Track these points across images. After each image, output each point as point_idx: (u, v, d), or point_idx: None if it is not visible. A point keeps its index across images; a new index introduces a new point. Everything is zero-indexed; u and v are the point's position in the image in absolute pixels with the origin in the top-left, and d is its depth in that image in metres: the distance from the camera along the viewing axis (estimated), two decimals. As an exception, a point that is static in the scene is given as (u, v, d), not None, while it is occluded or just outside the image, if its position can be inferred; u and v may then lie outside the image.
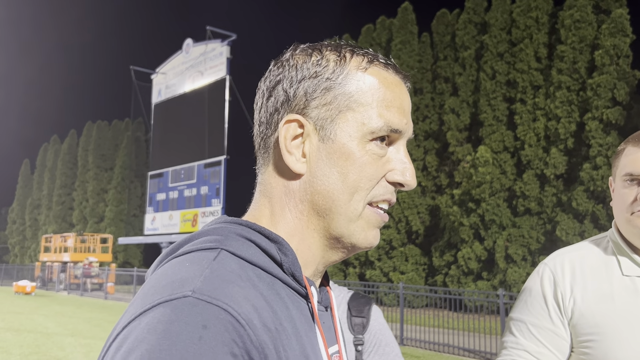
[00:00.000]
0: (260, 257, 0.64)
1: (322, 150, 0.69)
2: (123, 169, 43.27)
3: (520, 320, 1.41)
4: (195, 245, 0.64)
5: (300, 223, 0.70)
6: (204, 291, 0.55)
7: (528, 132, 20.46)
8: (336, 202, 0.68)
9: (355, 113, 0.69)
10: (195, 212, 28.15)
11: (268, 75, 0.74)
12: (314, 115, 0.69)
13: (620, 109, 18.34)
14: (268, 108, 0.72)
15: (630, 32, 18.68)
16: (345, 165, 0.68)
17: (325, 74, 0.70)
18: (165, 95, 32.57)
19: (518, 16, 21.38)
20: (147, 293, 0.58)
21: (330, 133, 0.69)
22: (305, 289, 0.67)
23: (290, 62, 0.72)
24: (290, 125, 0.69)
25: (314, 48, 0.72)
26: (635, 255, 1.35)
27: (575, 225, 18.42)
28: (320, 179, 0.69)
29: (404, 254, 22.68)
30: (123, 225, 42.46)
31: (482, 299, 12.02)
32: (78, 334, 12.50)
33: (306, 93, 0.69)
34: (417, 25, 25.12)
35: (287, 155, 0.69)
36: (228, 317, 0.54)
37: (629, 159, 1.34)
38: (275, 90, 0.71)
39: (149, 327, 0.53)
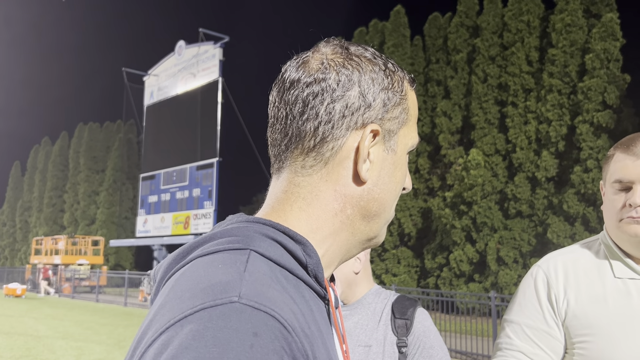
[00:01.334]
0: (287, 259, 0.63)
1: (385, 160, 0.71)
2: (115, 171, 43.09)
3: (514, 321, 1.43)
4: (221, 245, 0.62)
5: (342, 226, 0.70)
6: (250, 296, 0.53)
7: (519, 135, 20.57)
8: (386, 208, 0.73)
9: (408, 128, 0.74)
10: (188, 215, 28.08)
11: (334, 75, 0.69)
12: (385, 127, 0.71)
13: (611, 112, 18.48)
14: (336, 109, 0.68)
15: (620, 36, 18.83)
16: (399, 175, 0.74)
17: (396, 86, 0.72)
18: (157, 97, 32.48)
19: (510, 20, 21.51)
20: (183, 297, 0.55)
21: (394, 145, 0.72)
22: (325, 290, 0.67)
23: (362, 66, 0.70)
24: (370, 135, 0.69)
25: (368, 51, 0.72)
26: (627, 258, 1.37)
27: (566, 227, 18.52)
28: (380, 187, 0.71)
29: (396, 257, 22.72)
30: (114, 227, 42.26)
31: (473, 301, 12.07)
32: (69, 337, 12.43)
33: (385, 104, 0.70)
34: (409, 29, 25.22)
35: (363, 163, 0.69)
36: (276, 324, 0.52)
37: (618, 166, 1.36)
38: (349, 94, 0.68)
39: (194, 334, 0.50)
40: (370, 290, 1.72)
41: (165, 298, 0.57)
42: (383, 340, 1.60)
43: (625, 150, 1.36)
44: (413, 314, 1.62)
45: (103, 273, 27.97)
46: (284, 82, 0.72)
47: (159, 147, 31.33)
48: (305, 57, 0.73)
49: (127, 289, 23.37)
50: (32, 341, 11.60)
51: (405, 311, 1.62)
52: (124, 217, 43.28)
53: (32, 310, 19.20)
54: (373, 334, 1.61)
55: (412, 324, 1.61)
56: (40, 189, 48.94)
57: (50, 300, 25.07)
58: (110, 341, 12.01)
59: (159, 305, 0.57)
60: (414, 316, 1.62)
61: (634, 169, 1.32)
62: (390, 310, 1.64)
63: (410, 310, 1.63)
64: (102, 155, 45.38)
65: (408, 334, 1.60)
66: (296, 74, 0.71)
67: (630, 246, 1.35)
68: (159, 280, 0.66)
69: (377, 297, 1.70)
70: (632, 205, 1.32)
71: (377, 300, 1.69)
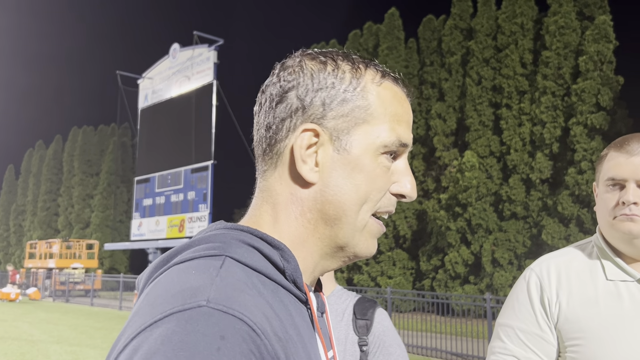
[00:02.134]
0: (263, 264, 0.64)
1: (337, 161, 0.69)
2: (109, 174, 42.96)
3: (508, 325, 1.43)
4: (198, 252, 0.63)
5: (306, 231, 0.70)
6: (219, 300, 0.54)
7: (514, 137, 20.63)
8: (346, 212, 0.69)
9: (370, 126, 0.70)
10: (182, 218, 28.02)
11: (277, 80, 0.72)
12: (330, 126, 0.69)
13: (604, 114, 18.56)
14: (278, 113, 0.71)
15: (613, 38, 18.93)
16: (358, 177, 0.69)
17: (342, 85, 0.70)
18: (151, 100, 32.43)
19: (503, 22, 21.59)
20: (155, 303, 0.56)
21: (346, 144, 0.69)
22: (305, 295, 0.67)
23: (304, 69, 0.71)
24: (306, 134, 0.69)
25: (326, 56, 0.72)
26: (618, 259, 1.37)
27: (560, 229, 18.58)
28: (332, 189, 0.69)
29: (391, 259, 22.73)
30: (109, 231, 42.13)
31: (469, 303, 12.09)
32: (64, 341, 12.37)
33: (323, 103, 0.69)
34: (403, 31, 25.28)
35: (302, 163, 0.69)
36: (245, 327, 0.53)
37: (611, 164, 1.37)
38: (288, 96, 0.70)
39: (162, 339, 0.51)
40: (333, 291, 1.78)
41: (140, 304, 0.58)
42: (345, 340, 1.67)
43: (619, 149, 1.37)
44: (373, 315, 1.71)
45: (98, 277, 27.85)
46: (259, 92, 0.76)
47: (154, 150, 31.26)
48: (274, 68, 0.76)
49: (122, 292, 23.28)
50: (26, 346, 11.54)
51: (365, 312, 1.70)
52: (119, 220, 43.15)
53: (26, 314, 19.11)
54: (335, 333, 1.68)
55: (372, 324, 1.69)
56: (35, 192, 48.75)
57: (44, 304, 24.95)
58: (105, 345, 11.96)
59: (134, 311, 0.58)
60: (373, 317, 1.71)
61: (627, 167, 1.33)
62: (352, 311, 1.72)
63: (370, 311, 1.71)
64: (96, 159, 45.25)
65: (368, 334, 1.68)
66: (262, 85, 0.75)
67: (623, 244, 1.35)
68: (141, 288, 0.67)
69: (339, 298, 1.77)
70: (625, 203, 1.32)
71: (339, 301, 1.76)
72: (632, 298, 1.32)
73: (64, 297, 27.65)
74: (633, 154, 1.34)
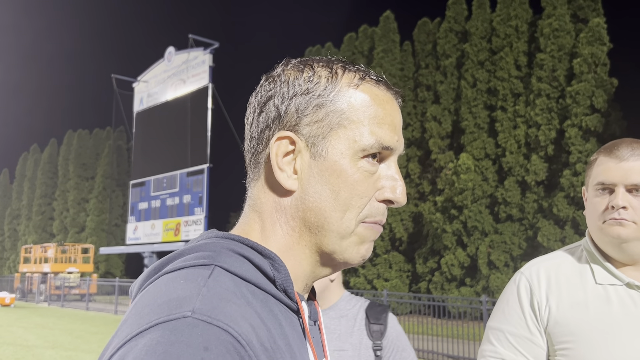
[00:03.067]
0: (253, 274, 0.63)
1: (314, 167, 0.68)
2: (104, 178, 42.86)
3: (498, 329, 1.43)
4: (187, 262, 0.63)
5: (292, 239, 0.70)
6: (204, 311, 0.54)
7: (509, 139, 20.69)
8: (328, 219, 0.68)
9: (347, 130, 0.68)
10: (178, 221, 27.97)
11: (259, 91, 0.73)
12: (305, 132, 0.69)
13: (599, 116, 18.64)
14: (259, 124, 0.71)
15: (607, 40, 19.02)
16: (336, 182, 0.68)
17: (317, 90, 0.69)
18: (147, 103, 32.39)
19: (498, 25, 21.66)
20: (142, 312, 0.56)
21: (322, 150, 0.68)
22: (296, 304, 0.66)
23: (282, 77, 0.71)
24: (282, 142, 0.69)
25: (306, 64, 0.72)
26: (607, 263, 1.38)
27: (556, 231, 18.62)
28: (311, 195, 0.68)
29: (387, 261, 22.73)
30: (104, 235, 42.02)
31: (465, 305, 12.10)
32: (59, 346, 12.32)
33: (298, 110, 0.69)
34: (398, 34, 25.34)
35: (279, 171, 0.68)
36: (229, 338, 0.53)
37: (601, 169, 1.38)
38: (267, 106, 0.71)
39: (147, 349, 0.51)
40: (342, 297, 1.80)
41: (128, 314, 0.59)
42: (359, 345, 1.69)
43: (608, 154, 1.38)
44: (386, 319, 1.73)
45: (93, 281, 27.77)
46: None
47: (149, 153, 31.21)
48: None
49: (118, 296, 23.21)
50: (22, 351, 11.48)
51: (379, 316, 1.73)
52: (114, 224, 43.04)
53: (21, 319, 19.02)
54: (348, 338, 1.70)
55: (387, 328, 1.72)
56: (29, 196, 48.59)
57: (39, 309, 24.85)
58: (100, 350, 11.91)
59: (123, 320, 0.59)
60: (387, 321, 1.73)
61: (616, 172, 1.34)
62: (365, 316, 1.74)
63: (383, 316, 1.74)
64: (91, 162, 45.14)
65: (382, 338, 1.69)
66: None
67: (612, 248, 1.36)
68: (134, 296, 0.67)
69: (349, 303, 1.79)
70: (614, 207, 1.33)
71: (348, 306, 1.78)
72: (621, 302, 1.33)
73: (59, 302, 27.54)
74: (622, 159, 1.35)
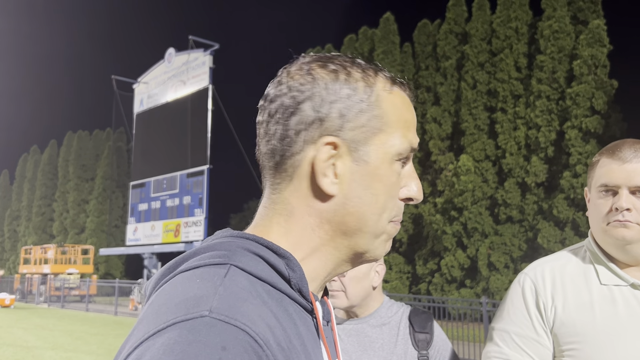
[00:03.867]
0: (269, 273, 0.63)
1: (356, 172, 0.68)
2: (104, 179, 42.85)
3: (503, 330, 1.43)
4: (203, 260, 0.62)
5: (322, 242, 0.69)
6: (221, 310, 0.54)
7: (509, 140, 20.69)
8: (367, 222, 0.69)
9: (386, 135, 0.69)
10: (178, 222, 27.96)
11: (287, 90, 0.70)
12: (348, 137, 0.68)
13: (599, 117, 18.65)
14: (293, 125, 0.68)
15: (607, 42, 19.03)
16: (378, 187, 0.69)
17: (357, 95, 0.69)
18: (147, 104, 32.39)
19: (498, 27, 21.67)
20: (159, 311, 0.56)
21: (364, 155, 0.68)
22: (311, 304, 0.66)
23: (316, 78, 0.69)
24: (326, 147, 0.68)
25: (335, 64, 0.71)
26: (612, 264, 1.38)
27: (556, 232, 18.62)
28: (353, 200, 0.68)
29: (387, 263, 22.72)
30: (104, 236, 42.00)
31: (465, 306, 12.10)
32: (59, 347, 12.31)
33: (341, 114, 0.68)
34: (398, 36, 25.35)
35: (322, 177, 0.67)
36: (247, 338, 0.53)
37: (604, 170, 1.38)
38: (302, 107, 0.68)
39: (164, 349, 0.51)
40: (382, 304, 1.71)
41: (145, 313, 0.59)
42: (404, 355, 1.60)
43: (611, 155, 1.38)
44: (432, 328, 1.65)
45: (93, 282, 27.75)
46: (264, 100, 0.73)
47: (149, 154, 31.21)
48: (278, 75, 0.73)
49: (118, 298, 23.20)
50: (22, 352, 11.48)
51: (425, 325, 1.64)
52: (114, 225, 43.02)
53: (21, 320, 19.01)
54: (394, 349, 1.61)
55: (433, 337, 1.63)
56: (29, 197, 48.58)
57: (39, 310, 24.84)
58: (100, 351, 11.91)
59: (139, 319, 0.59)
60: (433, 329, 1.65)
61: (620, 173, 1.34)
62: (409, 324, 1.65)
63: (429, 324, 1.65)
64: (91, 164, 45.14)
65: (429, 348, 1.62)
66: (266, 93, 0.73)
67: (616, 250, 1.36)
68: (148, 295, 0.67)
69: (389, 310, 1.70)
70: (618, 209, 1.33)
71: (389, 313, 1.69)
72: (626, 302, 1.33)
73: (59, 303, 27.53)
74: (625, 160, 1.34)
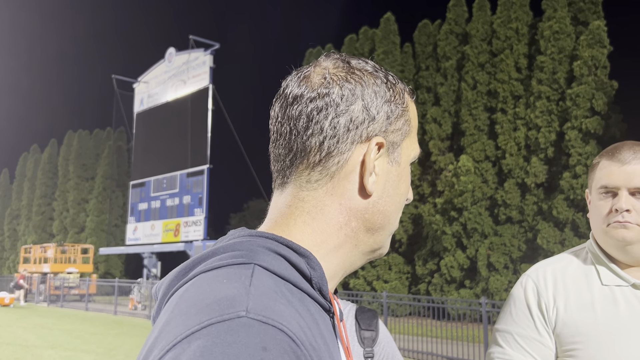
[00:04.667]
0: (291, 273, 0.62)
1: (389, 172, 0.72)
2: (104, 178, 42.85)
3: (506, 331, 1.44)
4: (225, 260, 0.61)
5: (347, 239, 0.70)
6: (258, 310, 0.53)
7: (509, 141, 20.70)
8: (390, 220, 0.73)
9: (410, 139, 0.75)
10: (178, 222, 27.97)
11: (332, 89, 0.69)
12: (390, 139, 0.71)
13: (599, 118, 18.65)
14: (340, 124, 0.68)
15: (607, 43, 19.04)
16: (402, 187, 0.74)
17: (397, 99, 0.73)
18: (147, 104, 32.40)
19: (498, 27, 21.68)
20: (189, 313, 0.54)
21: (397, 157, 0.72)
22: (330, 303, 0.66)
23: (362, 78, 0.70)
24: (376, 147, 0.70)
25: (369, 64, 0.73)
26: (613, 265, 1.39)
27: (555, 233, 18.63)
28: (385, 199, 0.71)
29: (387, 263, 22.73)
30: (104, 235, 42.00)
31: (464, 307, 12.10)
32: (58, 346, 12.31)
33: (388, 116, 0.71)
34: (399, 36, 25.36)
35: (369, 176, 0.69)
36: (285, 338, 0.52)
37: (604, 172, 1.39)
38: (352, 108, 0.69)
39: (202, 350, 0.49)
40: None
41: (170, 315, 0.56)
42: None
43: (611, 157, 1.40)
44: (377, 325, 1.66)
45: (92, 281, 27.76)
46: (286, 97, 0.72)
47: (149, 154, 31.22)
48: (306, 71, 0.73)
49: (117, 297, 23.20)
50: (21, 351, 11.48)
51: (370, 322, 1.65)
52: (114, 224, 43.03)
53: (20, 319, 19.01)
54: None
55: (378, 334, 1.64)
56: (29, 196, 48.58)
57: (38, 309, 24.84)
58: (99, 350, 11.91)
59: (164, 322, 0.56)
60: (378, 327, 1.66)
61: (619, 175, 1.36)
62: (355, 322, 1.65)
63: (374, 322, 1.66)
64: (91, 163, 45.13)
65: (374, 345, 1.62)
66: (298, 89, 0.71)
67: (617, 251, 1.37)
68: (161, 297, 0.65)
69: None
70: (618, 210, 1.35)
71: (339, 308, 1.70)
72: (628, 302, 1.35)
73: (59, 302, 27.54)
74: (625, 162, 1.36)
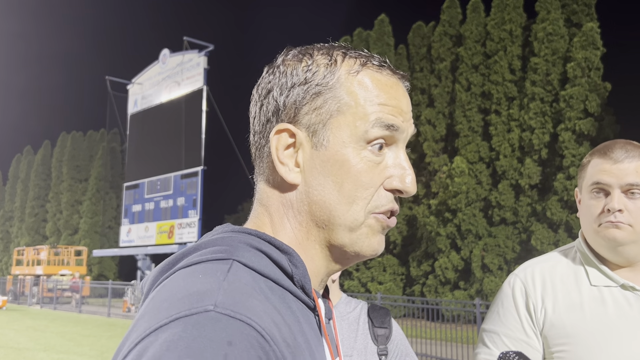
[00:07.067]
0: (271, 269, 0.62)
1: (316, 158, 0.66)
2: (98, 180, 42.72)
3: (493, 331, 1.42)
4: (204, 256, 0.61)
5: (300, 234, 0.68)
6: (226, 305, 0.52)
7: (503, 142, 20.75)
8: (334, 212, 0.66)
9: (347, 117, 0.66)
10: (172, 224, 27.89)
11: (260, 83, 0.71)
12: (305, 122, 0.67)
13: (592, 120, 18.72)
14: (261, 117, 0.70)
15: (600, 45, 19.12)
16: (339, 173, 0.66)
17: (315, 79, 0.67)
18: (141, 105, 32.32)
19: (492, 29, 21.74)
20: (160, 307, 0.54)
21: (323, 139, 0.66)
22: (313, 301, 0.65)
23: (281, 68, 0.70)
24: (282, 135, 0.67)
25: (305, 52, 0.70)
26: (602, 265, 1.37)
27: (549, 234, 18.67)
28: (315, 188, 0.66)
29: (381, 264, 22.74)
30: (98, 237, 41.86)
31: (459, 308, 12.11)
32: (51, 349, 12.24)
33: (296, 101, 0.67)
34: (393, 37, 25.41)
35: (280, 165, 0.67)
36: (253, 333, 0.51)
37: (596, 170, 1.37)
38: (267, 98, 0.69)
39: (168, 344, 0.49)
40: (341, 299, 1.72)
41: (145, 309, 0.56)
42: (364, 350, 1.62)
43: (602, 155, 1.37)
44: (390, 323, 1.69)
45: (86, 283, 27.64)
46: None
47: (143, 155, 31.13)
48: None
49: (111, 299, 23.11)
50: (13, 354, 11.41)
51: (383, 320, 1.68)
52: (108, 226, 42.89)
53: (13, 322, 18.90)
54: (354, 344, 1.63)
55: (391, 332, 1.67)
56: (22, 198, 48.37)
57: (31, 311, 24.72)
58: (92, 352, 11.85)
59: (139, 316, 0.56)
60: (391, 324, 1.68)
61: (612, 173, 1.33)
62: (368, 320, 1.67)
63: (387, 319, 1.68)
64: (85, 164, 44.99)
65: (388, 342, 1.64)
66: None
67: (608, 251, 1.35)
68: (146, 292, 0.65)
69: (348, 306, 1.72)
70: (610, 210, 1.32)
71: (348, 309, 1.71)
72: (616, 303, 1.32)
73: (52, 304, 27.40)
74: (617, 160, 1.34)
